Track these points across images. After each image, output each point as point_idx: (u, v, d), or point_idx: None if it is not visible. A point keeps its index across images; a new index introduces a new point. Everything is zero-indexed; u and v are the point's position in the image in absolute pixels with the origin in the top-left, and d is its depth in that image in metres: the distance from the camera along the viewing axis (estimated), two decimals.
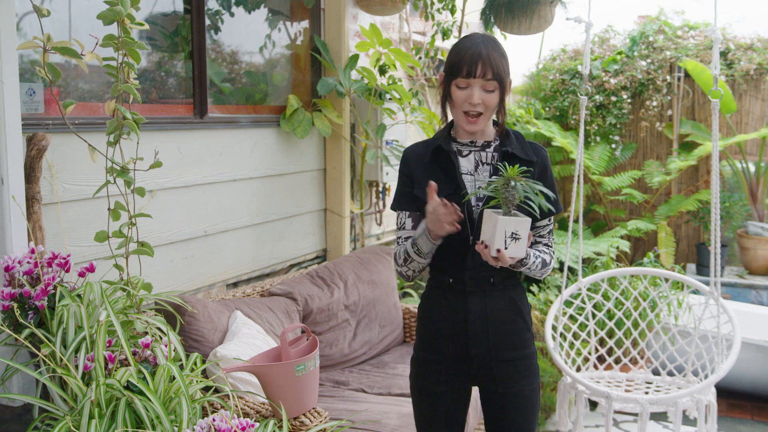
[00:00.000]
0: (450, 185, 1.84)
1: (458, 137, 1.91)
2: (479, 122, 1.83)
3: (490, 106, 1.82)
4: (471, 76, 1.78)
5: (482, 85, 1.79)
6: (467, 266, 1.85)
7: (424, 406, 1.95)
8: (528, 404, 1.93)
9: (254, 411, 2.11)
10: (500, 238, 1.63)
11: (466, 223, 1.82)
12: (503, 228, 1.62)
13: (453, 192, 1.83)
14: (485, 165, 1.88)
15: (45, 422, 1.73)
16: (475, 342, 1.87)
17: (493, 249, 1.66)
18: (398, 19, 4.41)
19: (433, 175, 1.85)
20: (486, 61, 1.77)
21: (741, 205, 5.07)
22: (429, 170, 1.87)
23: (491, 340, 1.87)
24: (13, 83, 1.97)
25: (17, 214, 2.01)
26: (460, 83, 1.81)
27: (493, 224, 1.64)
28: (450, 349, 1.89)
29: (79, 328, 1.83)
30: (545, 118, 5.68)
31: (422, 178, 1.86)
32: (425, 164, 1.88)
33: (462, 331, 1.87)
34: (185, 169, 2.82)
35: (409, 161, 1.92)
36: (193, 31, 2.89)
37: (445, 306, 1.89)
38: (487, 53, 1.78)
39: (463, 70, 1.79)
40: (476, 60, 1.77)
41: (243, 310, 2.64)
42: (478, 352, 1.88)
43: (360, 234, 3.94)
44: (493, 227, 1.64)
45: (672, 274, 3.10)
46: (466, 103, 1.81)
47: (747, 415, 3.78)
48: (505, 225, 1.62)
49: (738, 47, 5.34)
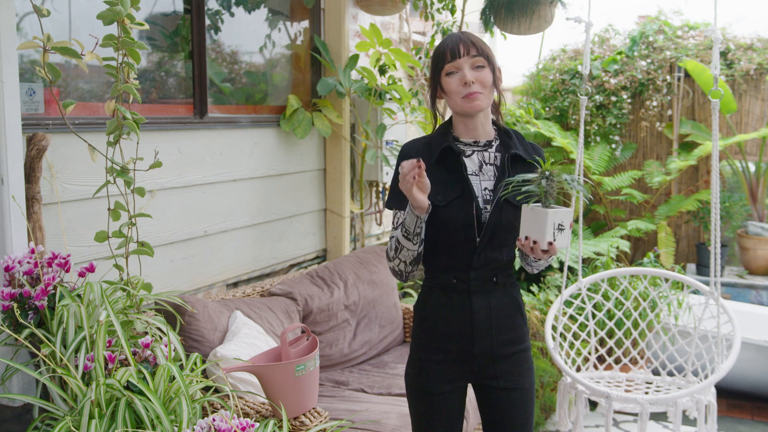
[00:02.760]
0: (457, 186, 1.83)
1: (461, 137, 1.90)
2: (480, 100, 1.81)
3: (485, 83, 1.81)
4: (456, 57, 1.80)
5: (470, 63, 1.80)
6: (473, 266, 1.85)
7: (425, 407, 1.95)
8: (526, 398, 1.95)
9: (254, 411, 2.11)
10: (550, 230, 1.66)
11: (474, 225, 1.81)
12: (552, 220, 1.65)
13: (461, 194, 1.82)
14: (489, 165, 1.88)
15: (45, 422, 1.73)
16: (479, 340, 1.87)
17: (545, 242, 1.66)
18: (398, 19, 4.42)
19: (439, 176, 1.83)
20: (466, 41, 1.81)
21: (741, 205, 5.07)
22: (434, 170, 1.84)
23: (494, 338, 1.88)
24: (13, 83, 1.97)
25: (17, 214, 2.01)
26: (448, 69, 1.82)
27: (540, 218, 1.67)
28: (454, 349, 1.89)
29: (79, 328, 1.83)
30: (545, 118, 5.68)
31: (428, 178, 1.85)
32: (430, 164, 1.85)
33: (467, 330, 1.87)
34: (185, 169, 2.82)
35: (411, 158, 1.89)
36: (193, 31, 2.89)
37: (448, 306, 1.88)
38: (465, 37, 1.83)
39: (446, 55, 1.81)
40: (456, 42, 1.81)
41: (243, 310, 2.64)
42: (482, 349, 1.88)
43: (360, 234, 3.94)
44: (542, 221, 1.66)
45: (672, 274, 3.09)
46: (460, 87, 1.81)
47: (747, 415, 3.78)
48: (553, 217, 1.66)
49: (738, 47, 5.34)
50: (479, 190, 1.85)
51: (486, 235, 1.82)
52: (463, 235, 1.79)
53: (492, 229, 1.82)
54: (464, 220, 1.81)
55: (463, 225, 1.81)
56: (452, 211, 1.82)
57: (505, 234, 1.83)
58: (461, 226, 1.81)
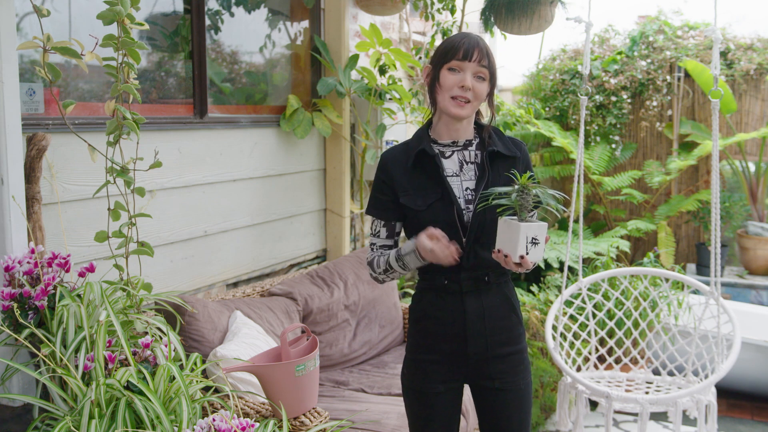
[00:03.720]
0: (436, 189, 1.83)
1: (439, 139, 1.90)
2: (466, 108, 1.82)
3: (479, 95, 1.82)
4: (467, 59, 1.79)
5: (475, 72, 1.80)
6: (463, 267, 1.84)
7: (421, 407, 1.95)
8: (523, 398, 1.94)
9: (254, 411, 2.11)
10: (522, 244, 1.67)
11: (457, 225, 1.82)
12: (525, 234, 1.66)
13: (440, 197, 1.82)
14: (469, 164, 1.88)
15: (45, 422, 1.73)
16: (473, 340, 1.87)
17: (516, 256, 1.67)
18: (398, 19, 4.42)
19: (417, 180, 1.84)
20: (482, 49, 1.80)
21: (741, 205, 5.07)
22: (411, 175, 1.85)
23: (488, 338, 1.88)
24: (13, 83, 1.97)
25: (17, 214, 2.01)
26: (453, 65, 1.81)
27: (513, 232, 1.67)
28: (448, 349, 1.89)
29: (79, 328, 1.83)
30: (545, 118, 5.68)
31: (406, 184, 1.85)
32: (407, 169, 1.86)
33: (460, 330, 1.87)
34: (185, 169, 2.82)
35: (388, 168, 1.89)
36: (193, 31, 2.89)
37: (441, 307, 1.89)
38: (483, 44, 1.82)
39: (459, 52, 1.80)
40: (474, 45, 1.80)
41: (243, 310, 2.64)
42: (476, 350, 1.88)
43: (360, 234, 3.94)
44: (515, 234, 1.67)
45: (672, 274, 3.09)
46: (456, 87, 1.80)
47: (747, 415, 3.78)
48: (526, 231, 1.66)
49: (738, 47, 5.34)
50: (460, 190, 1.85)
51: (471, 234, 1.82)
52: (449, 237, 1.79)
53: (477, 228, 1.82)
54: (446, 222, 1.81)
55: (446, 227, 1.81)
56: (433, 213, 1.82)
57: (491, 231, 1.82)
58: (445, 228, 1.80)
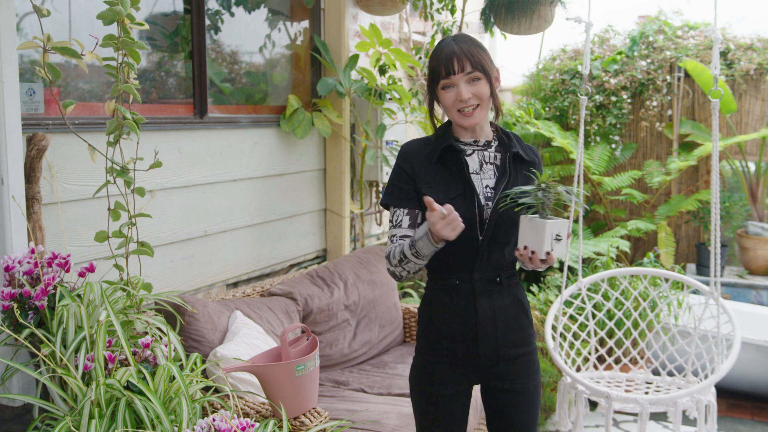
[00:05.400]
0: (459, 185, 1.84)
1: (461, 137, 1.90)
2: (475, 115, 1.82)
3: (482, 96, 1.81)
4: (451, 74, 1.79)
5: (466, 79, 1.80)
6: (476, 267, 1.85)
7: (429, 408, 1.95)
8: (532, 400, 1.95)
9: (254, 411, 2.11)
10: (548, 241, 1.70)
11: (476, 225, 1.82)
12: (550, 231, 1.69)
13: (462, 192, 1.83)
14: (489, 164, 1.89)
15: (45, 422, 1.74)
16: (483, 342, 1.87)
17: (543, 252, 1.70)
18: (398, 19, 4.42)
19: (440, 174, 1.85)
20: (460, 56, 1.78)
21: (741, 205, 5.07)
22: (435, 169, 1.86)
23: (499, 339, 1.88)
24: (13, 83, 1.97)
25: (17, 214, 2.01)
26: (443, 84, 1.81)
27: (539, 229, 1.70)
28: (459, 350, 1.89)
29: (79, 328, 1.83)
30: (545, 118, 5.67)
31: (428, 177, 1.85)
32: (431, 163, 1.86)
33: (471, 331, 1.87)
34: (185, 169, 2.82)
35: (411, 158, 1.89)
36: (193, 31, 2.89)
37: (452, 308, 1.88)
38: (459, 48, 1.79)
39: (441, 71, 1.80)
40: (450, 57, 1.79)
41: (243, 310, 2.64)
42: (487, 351, 1.88)
43: (360, 234, 3.94)
44: (540, 232, 1.70)
45: (672, 274, 3.09)
46: (456, 102, 1.81)
47: (747, 415, 3.78)
48: (551, 228, 1.70)
49: (738, 47, 5.34)
50: (480, 188, 1.86)
51: (488, 232, 1.82)
52: (466, 234, 1.79)
53: (494, 226, 1.82)
54: (466, 218, 1.81)
55: (464, 223, 1.81)
56: (455, 208, 1.82)
57: (507, 231, 1.83)
58: (464, 223, 1.81)
